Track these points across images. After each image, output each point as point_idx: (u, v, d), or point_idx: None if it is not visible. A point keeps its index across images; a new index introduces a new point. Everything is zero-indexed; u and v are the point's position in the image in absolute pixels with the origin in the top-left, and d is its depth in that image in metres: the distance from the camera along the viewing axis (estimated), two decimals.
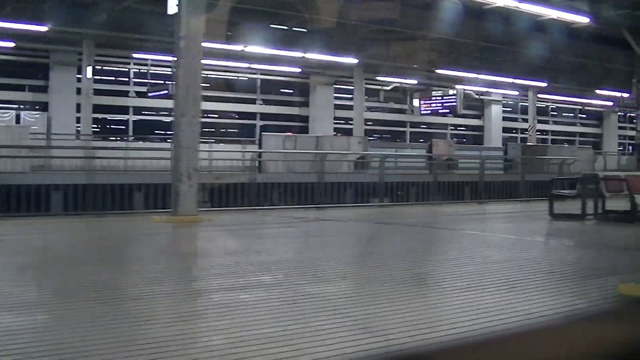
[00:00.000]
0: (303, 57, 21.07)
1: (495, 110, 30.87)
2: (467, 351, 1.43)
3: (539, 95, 29.21)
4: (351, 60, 22.21)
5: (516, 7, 15.53)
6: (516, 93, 29.84)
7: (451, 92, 26.11)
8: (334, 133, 25.08)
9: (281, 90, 25.90)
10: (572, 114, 35.40)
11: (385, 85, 27.21)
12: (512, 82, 25.78)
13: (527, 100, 29.22)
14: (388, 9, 17.12)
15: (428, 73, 24.52)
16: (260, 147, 18.38)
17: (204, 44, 9.74)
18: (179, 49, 8.91)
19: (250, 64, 22.51)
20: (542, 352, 1.42)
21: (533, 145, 26.55)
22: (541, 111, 31.53)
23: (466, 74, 23.89)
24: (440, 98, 26.59)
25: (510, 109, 32.26)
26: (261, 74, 24.84)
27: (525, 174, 16.69)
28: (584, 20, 17.12)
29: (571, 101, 32.49)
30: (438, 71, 23.32)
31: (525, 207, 13.84)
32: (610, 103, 32.09)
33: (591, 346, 1.45)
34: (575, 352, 1.42)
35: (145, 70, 22.87)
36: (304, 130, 25.19)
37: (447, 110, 26.48)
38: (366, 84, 25.89)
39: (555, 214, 10.30)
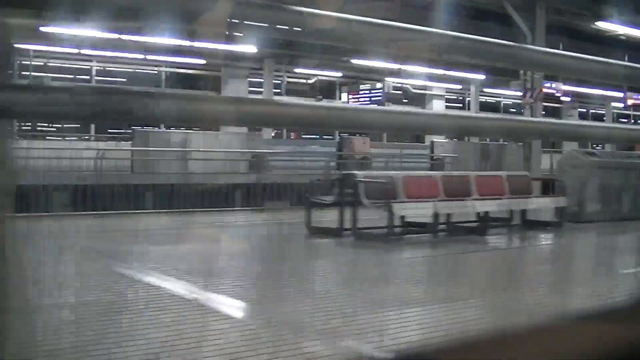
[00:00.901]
0: (206, 47, 18.83)
1: (437, 106, 28.06)
2: (467, 351, 1.43)
3: (487, 90, 27.03)
4: (251, 50, 19.59)
5: None
6: (459, 87, 27.36)
7: (378, 85, 23.88)
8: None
9: (190, 84, 23.02)
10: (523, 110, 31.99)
11: (307, 79, 24.75)
12: (445, 75, 23.18)
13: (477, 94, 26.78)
14: None
15: (343, 64, 22.11)
16: (134, 145, 16.78)
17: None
18: None
19: (146, 55, 20.05)
20: (542, 352, 1.41)
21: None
22: (490, 107, 28.86)
23: (388, 66, 21.37)
24: (368, 92, 24.30)
25: (459, 105, 29.18)
26: (166, 67, 22.42)
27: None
28: None
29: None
30: (353, 61, 21.00)
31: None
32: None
33: (591, 346, 1.45)
34: (575, 352, 1.42)
35: None
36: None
37: (375, 105, 23.29)
38: (288, 77, 23.94)
39: (312, 227, 8.26)
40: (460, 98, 28.95)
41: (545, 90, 18.17)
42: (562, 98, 22.51)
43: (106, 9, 1.46)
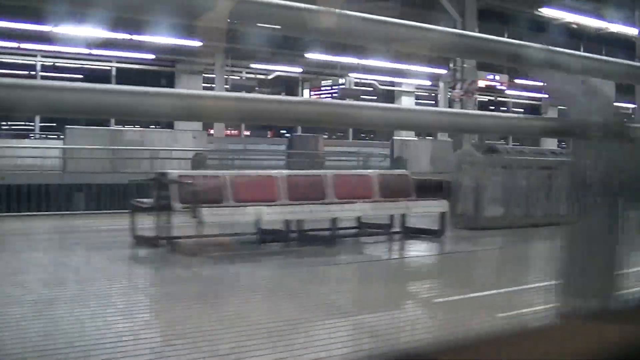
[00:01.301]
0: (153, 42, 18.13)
1: (406, 103, 26.92)
2: (467, 351, 1.42)
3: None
4: (195, 44, 18.81)
5: None
6: (428, 83, 26.37)
7: (341, 81, 23.40)
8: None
9: (143, 79, 21.72)
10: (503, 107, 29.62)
11: (266, 74, 23.83)
12: (408, 70, 22.90)
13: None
14: None
15: (298, 59, 21.47)
16: (65, 143, 15.55)
17: None
18: None
19: (91, 49, 19.22)
20: (542, 352, 1.41)
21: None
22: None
23: (348, 60, 20.83)
24: (329, 88, 23.79)
25: (432, 102, 28.01)
26: (117, 62, 21.40)
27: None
28: None
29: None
30: (307, 56, 20.45)
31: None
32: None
33: (591, 346, 1.45)
34: (574, 352, 1.42)
35: None
36: (170, 125, 20.50)
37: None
38: (247, 72, 23.24)
39: (138, 236, 7.18)
40: (433, 95, 27.81)
41: (487, 82, 17.41)
42: (501, 89, 20.96)
43: None
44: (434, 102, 27.54)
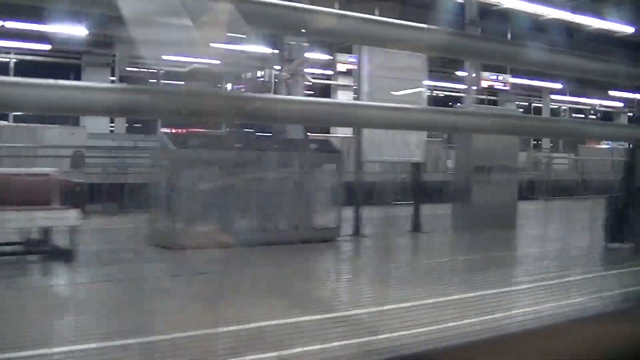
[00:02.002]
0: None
1: (344, 98, 24.96)
2: (467, 351, 1.44)
3: None
4: (80, 32, 17.23)
5: None
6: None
7: (259, 74, 21.95)
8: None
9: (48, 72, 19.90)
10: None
11: (180, 67, 22.22)
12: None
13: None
14: None
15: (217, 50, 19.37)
16: None
17: None
18: None
19: None
20: (542, 352, 1.43)
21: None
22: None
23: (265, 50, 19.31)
24: (249, 82, 22.46)
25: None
26: (16, 53, 19.87)
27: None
28: None
29: None
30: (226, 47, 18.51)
31: None
32: None
33: (591, 346, 1.46)
34: (575, 352, 1.43)
35: None
36: (76, 121, 18.93)
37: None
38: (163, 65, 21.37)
39: None
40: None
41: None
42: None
43: None
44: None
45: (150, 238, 7.03)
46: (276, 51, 12.86)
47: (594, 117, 33.48)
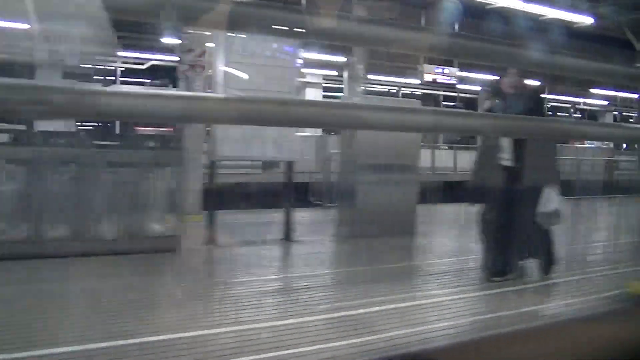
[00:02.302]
0: None
1: (313, 95, 24.98)
2: (467, 351, 1.45)
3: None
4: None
5: None
6: (335, 73, 24.19)
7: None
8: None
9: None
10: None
11: (140, 64, 21.57)
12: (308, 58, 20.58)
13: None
14: None
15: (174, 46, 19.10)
16: None
17: None
18: None
19: None
20: (543, 352, 1.43)
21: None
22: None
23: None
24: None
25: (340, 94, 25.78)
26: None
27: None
28: None
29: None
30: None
31: None
32: None
33: (592, 346, 1.47)
34: (575, 352, 1.44)
35: None
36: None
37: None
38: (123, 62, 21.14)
39: None
40: (342, 86, 24.93)
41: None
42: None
43: None
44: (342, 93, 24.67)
45: None
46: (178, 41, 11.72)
47: (577, 115, 33.31)
